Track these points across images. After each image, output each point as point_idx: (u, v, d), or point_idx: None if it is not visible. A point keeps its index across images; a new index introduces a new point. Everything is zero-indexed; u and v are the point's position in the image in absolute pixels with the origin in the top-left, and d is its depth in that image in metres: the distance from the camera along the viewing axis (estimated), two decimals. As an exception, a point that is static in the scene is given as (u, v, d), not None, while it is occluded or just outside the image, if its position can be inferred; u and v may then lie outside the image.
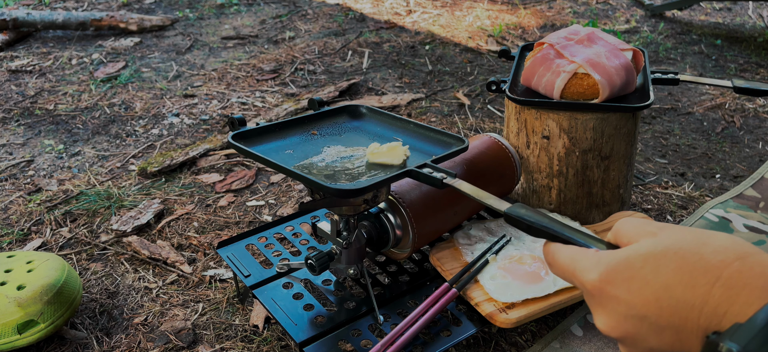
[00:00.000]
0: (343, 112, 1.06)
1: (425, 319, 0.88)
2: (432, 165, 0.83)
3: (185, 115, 1.81)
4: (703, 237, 0.46)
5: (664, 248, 0.46)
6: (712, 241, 0.45)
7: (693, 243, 0.46)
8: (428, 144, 0.96)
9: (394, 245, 0.97)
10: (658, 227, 0.49)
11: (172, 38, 2.46)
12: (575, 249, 0.53)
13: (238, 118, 0.93)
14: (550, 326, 1.00)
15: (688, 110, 1.79)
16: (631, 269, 0.47)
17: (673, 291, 0.44)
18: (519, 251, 0.99)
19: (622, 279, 0.47)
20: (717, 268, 0.43)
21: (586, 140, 1.08)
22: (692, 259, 0.45)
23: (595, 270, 0.49)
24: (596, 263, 0.50)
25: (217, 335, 1.01)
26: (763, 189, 1.35)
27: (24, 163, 1.58)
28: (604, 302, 0.49)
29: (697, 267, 0.44)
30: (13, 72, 2.16)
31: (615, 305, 0.48)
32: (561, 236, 0.57)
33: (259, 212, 1.35)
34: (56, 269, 1.01)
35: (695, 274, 0.44)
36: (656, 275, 0.45)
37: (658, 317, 0.45)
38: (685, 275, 0.44)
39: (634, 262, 0.47)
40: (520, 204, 0.63)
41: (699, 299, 0.43)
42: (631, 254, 0.48)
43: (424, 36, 2.43)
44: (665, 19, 2.56)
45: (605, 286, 0.48)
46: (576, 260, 0.52)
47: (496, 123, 1.73)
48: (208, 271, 1.16)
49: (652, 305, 0.45)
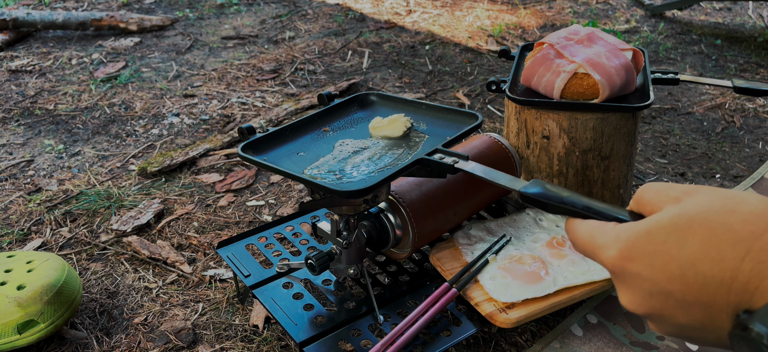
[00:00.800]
0: (353, 102, 1.06)
1: (425, 319, 0.88)
2: (443, 150, 0.83)
3: (185, 115, 1.81)
4: (732, 203, 0.42)
5: (688, 218, 0.43)
6: (741, 207, 0.42)
7: (720, 212, 0.42)
8: (441, 125, 0.96)
9: (394, 245, 0.97)
10: (683, 190, 0.46)
11: (172, 38, 2.46)
12: (594, 224, 0.50)
13: (247, 127, 0.93)
14: (550, 326, 1.00)
15: (688, 110, 1.79)
16: (652, 243, 0.44)
17: (699, 266, 0.41)
18: (519, 251, 0.99)
19: (643, 254, 0.44)
20: (746, 240, 0.40)
21: (586, 140, 1.08)
22: (719, 230, 0.41)
23: (615, 246, 0.46)
24: (615, 239, 0.46)
25: (217, 335, 1.01)
26: (763, 189, 1.35)
27: (24, 163, 1.58)
28: (626, 279, 0.46)
29: (724, 239, 0.41)
30: (13, 72, 2.16)
31: (638, 282, 0.45)
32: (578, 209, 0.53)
33: (259, 212, 1.35)
34: (56, 269, 1.01)
35: (723, 247, 0.40)
36: (680, 250, 0.42)
37: (685, 294, 0.42)
38: (711, 249, 0.41)
39: (656, 235, 0.44)
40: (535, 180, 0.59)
41: (728, 274, 0.40)
42: (653, 227, 0.44)
43: (424, 36, 2.43)
44: (665, 19, 2.56)
45: (626, 263, 0.45)
46: (595, 237, 0.49)
47: (496, 123, 1.73)
48: (208, 271, 1.16)
49: (677, 281, 0.42)
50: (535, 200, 0.58)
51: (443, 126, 0.96)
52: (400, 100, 1.05)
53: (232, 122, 1.77)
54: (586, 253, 0.50)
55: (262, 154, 0.92)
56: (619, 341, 0.95)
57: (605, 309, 1.00)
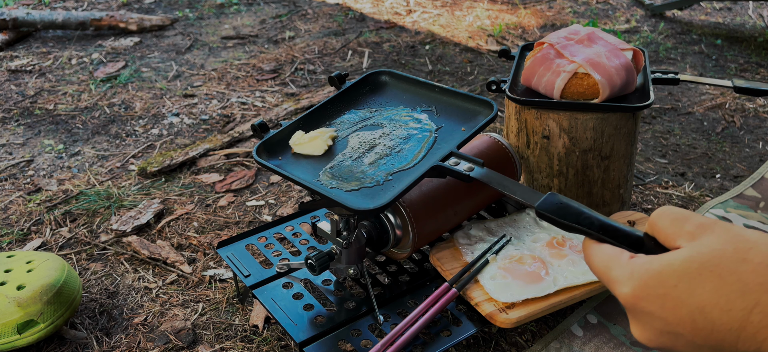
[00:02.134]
0: (365, 83, 1.05)
1: (425, 319, 0.87)
2: (458, 154, 0.81)
3: (185, 115, 1.81)
4: (744, 250, 0.43)
5: (699, 264, 0.44)
6: (752, 256, 0.43)
7: (731, 259, 0.43)
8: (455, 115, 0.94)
9: (394, 245, 0.97)
10: (698, 225, 0.46)
11: (172, 38, 2.46)
12: (610, 253, 0.51)
13: (260, 123, 0.91)
14: (550, 326, 1.00)
15: (688, 110, 1.79)
16: (664, 285, 0.45)
17: (708, 314, 0.43)
18: (519, 251, 0.99)
19: (655, 296, 0.45)
20: (755, 291, 0.41)
21: (586, 140, 1.08)
22: (730, 279, 0.42)
23: (628, 284, 0.47)
24: (629, 276, 0.47)
25: (217, 335, 1.01)
26: (763, 189, 1.35)
27: (24, 163, 1.58)
28: (638, 315, 0.47)
29: (734, 289, 0.42)
30: (13, 72, 2.15)
31: (649, 320, 0.46)
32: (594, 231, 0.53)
33: (259, 212, 1.35)
34: (56, 269, 1.00)
35: (732, 297, 0.42)
36: (691, 296, 0.43)
37: (694, 336, 0.44)
38: (721, 298, 0.42)
39: (667, 278, 0.45)
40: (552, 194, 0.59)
41: (736, 324, 0.42)
42: (665, 270, 0.45)
43: (424, 36, 2.43)
44: (665, 19, 2.56)
45: (638, 301, 0.46)
46: (610, 268, 0.50)
47: (496, 123, 1.73)
48: (208, 271, 1.16)
49: (687, 325, 0.44)
50: (551, 218, 0.58)
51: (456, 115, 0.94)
52: (412, 80, 1.03)
53: (231, 122, 1.77)
54: (601, 280, 0.52)
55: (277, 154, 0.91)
56: (620, 341, 0.95)
57: (605, 309, 1.00)
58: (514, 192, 0.70)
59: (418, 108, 0.99)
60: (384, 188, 0.83)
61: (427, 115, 0.96)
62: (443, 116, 0.95)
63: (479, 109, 0.93)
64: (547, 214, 0.58)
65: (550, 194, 0.59)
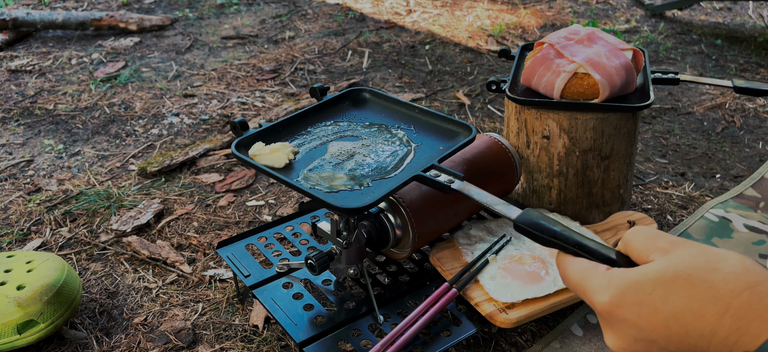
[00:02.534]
0: (346, 98, 1.06)
1: (425, 319, 0.87)
2: (439, 167, 0.82)
3: (185, 115, 1.81)
4: (714, 261, 0.46)
5: (673, 273, 0.46)
6: (722, 266, 0.45)
7: (703, 268, 0.45)
8: (434, 134, 0.95)
9: (394, 245, 0.97)
10: (670, 242, 0.49)
11: (172, 38, 2.46)
12: (586, 266, 0.53)
13: (240, 121, 0.92)
14: (550, 326, 1.00)
15: (688, 110, 1.79)
16: (640, 293, 0.47)
17: (681, 320, 0.45)
18: (519, 251, 0.99)
19: (631, 303, 0.47)
20: (726, 297, 0.43)
21: (586, 140, 1.08)
22: (702, 287, 0.44)
23: (606, 292, 0.49)
24: (606, 285, 0.49)
25: (217, 335, 1.01)
26: (763, 189, 1.35)
27: (24, 163, 1.58)
28: (613, 324, 0.49)
29: (706, 296, 0.44)
30: (12, 72, 2.16)
31: (624, 328, 0.48)
32: (570, 247, 0.55)
33: (259, 212, 1.35)
34: (56, 269, 1.00)
35: (704, 303, 0.44)
36: (665, 303, 0.45)
37: (668, 342, 0.46)
38: (694, 303, 0.44)
39: (643, 286, 0.47)
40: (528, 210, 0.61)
41: (708, 329, 0.43)
42: (641, 278, 0.47)
43: (424, 36, 2.43)
44: (665, 19, 2.56)
45: (615, 309, 0.48)
46: (586, 279, 0.52)
47: (496, 123, 1.73)
48: (208, 271, 1.16)
49: (661, 331, 0.46)
50: (528, 232, 0.60)
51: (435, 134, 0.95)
52: (393, 99, 1.03)
53: (232, 122, 1.77)
54: (576, 291, 0.54)
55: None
56: (619, 341, 0.95)
57: (605, 309, 1.00)
58: (493, 205, 0.71)
59: (397, 125, 0.99)
60: (365, 192, 0.84)
61: (405, 133, 0.97)
62: (422, 135, 0.96)
63: (458, 131, 0.93)
64: (524, 228, 0.60)
65: (526, 210, 0.61)
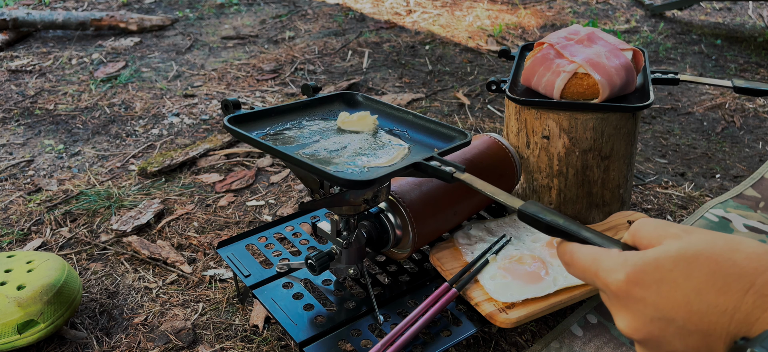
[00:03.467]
0: (338, 99, 1.05)
1: (425, 319, 0.88)
2: (439, 158, 0.81)
3: (185, 115, 1.81)
4: (734, 243, 0.45)
5: (695, 251, 0.46)
6: (743, 247, 0.45)
7: (725, 248, 0.45)
8: (429, 137, 0.94)
9: (394, 245, 0.97)
10: (681, 229, 0.49)
11: (172, 38, 2.46)
12: (596, 249, 0.52)
13: (232, 100, 0.90)
14: (550, 326, 1.00)
15: (688, 110, 1.79)
16: (660, 270, 0.46)
17: (705, 296, 0.44)
18: (519, 251, 0.99)
19: (650, 281, 0.46)
20: (751, 274, 0.43)
21: (586, 140, 1.08)
22: (725, 264, 0.44)
23: (622, 270, 0.48)
24: (623, 263, 0.48)
25: (217, 335, 1.01)
26: (763, 189, 1.35)
27: (24, 163, 1.58)
28: (629, 303, 0.48)
29: (731, 272, 0.44)
30: (13, 72, 2.16)
31: (641, 307, 0.47)
32: (578, 235, 0.54)
33: (259, 212, 1.35)
34: (56, 269, 1.01)
35: (729, 279, 0.43)
36: (687, 279, 0.45)
37: (687, 321, 0.45)
38: (718, 280, 0.44)
39: (663, 263, 0.46)
40: (533, 202, 0.61)
41: (731, 305, 0.43)
42: (661, 256, 0.47)
43: (424, 36, 2.43)
44: (665, 19, 2.56)
45: (632, 287, 0.47)
46: (599, 260, 0.50)
47: (496, 123, 1.73)
48: (208, 271, 1.16)
49: (681, 309, 0.45)
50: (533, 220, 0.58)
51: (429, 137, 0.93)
52: (387, 105, 1.01)
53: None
54: (586, 275, 0.52)
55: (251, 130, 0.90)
56: (619, 341, 0.95)
57: (605, 309, 1.00)
58: (495, 195, 0.70)
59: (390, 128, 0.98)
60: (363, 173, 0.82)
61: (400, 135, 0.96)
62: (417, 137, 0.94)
63: (454, 135, 0.91)
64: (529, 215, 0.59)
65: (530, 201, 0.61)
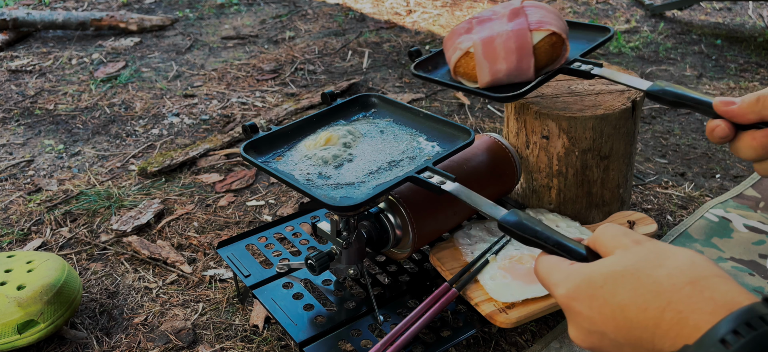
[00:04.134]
0: (355, 103, 1.08)
1: (425, 319, 0.88)
2: (432, 169, 0.84)
3: (185, 115, 1.81)
4: (662, 258, 0.48)
5: (623, 268, 0.48)
6: (669, 262, 0.47)
7: (650, 265, 0.47)
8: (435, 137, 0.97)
9: (394, 245, 0.97)
10: (633, 240, 0.51)
11: (172, 38, 2.46)
12: (552, 261, 0.55)
13: (251, 125, 0.94)
14: (550, 326, 1.00)
15: (687, 110, 1.79)
16: (592, 287, 0.49)
17: (627, 312, 0.46)
18: (519, 251, 0.99)
19: (584, 297, 0.50)
20: (668, 292, 0.45)
21: (585, 140, 1.08)
22: (646, 281, 0.46)
23: (564, 285, 0.52)
24: (565, 278, 0.52)
25: (217, 335, 1.01)
26: (763, 189, 1.35)
27: (24, 163, 1.58)
28: (571, 316, 0.52)
29: (649, 290, 0.46)
30: (13, 72, 2.16)
31: (580, 319, 0.51)
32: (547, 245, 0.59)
33: (259, 212, 1.35)
34: (56, 269, 1.01)
35: (647, 297, 0.46)
36: (613, 296, 0.48)
37: (616, 334, 0.48)
38: (638, 297, 0.46)
39: (595, 280, 0.49)
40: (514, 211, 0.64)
41: (651, 322, 0.45)
42: (594, 273, 0.50)
43: (424, 36, 2.43)
44: (665, 19, 2.56)
45: (571, 302, 0.51)
46: (550, 274, 0.55)
47: (496, 123, 1.73)
48: (208, 271, 1.16)
49: (610, 323, 0.48)
50: (511, 231, 0.63)
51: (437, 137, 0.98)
52: (399, 105, 1.05)
53: (232, 122, 1.77)
54: (544, 286, 0.56)
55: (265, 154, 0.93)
56: (619, 341, 0.95)
57: (605, 309, 1.00)
58: (480, 206, 0.74)
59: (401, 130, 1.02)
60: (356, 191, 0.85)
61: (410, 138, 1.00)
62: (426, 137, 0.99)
63: (458, 134, 0.96)
64: (508, 227, 0.64)
65: (511, 210, 0.65)
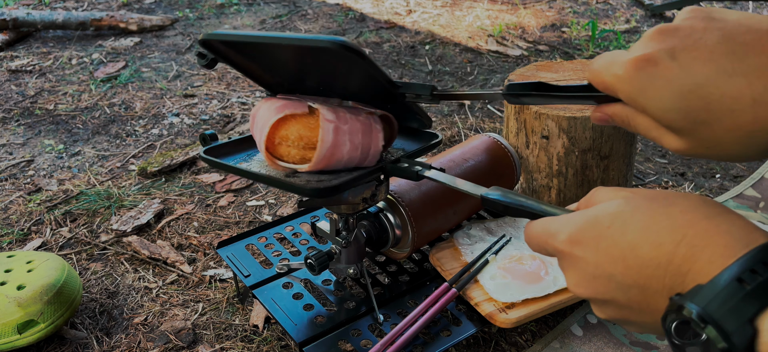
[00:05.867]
0: None
1: (425, 319, 0.88)
2: (408, 159, 0.81)
3: (185, 115, 1.81)
4: (673, 198, 0.46)
5: (633, 206, 0.46)
6: (681, 201, 0.45)
7: (662, 203, 0.45)
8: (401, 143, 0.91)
9: (393, 244, 0.97)
10: (632, 191, 0.49)
11: (172, 38, 2.46)
12: (547, 218, 0.52)
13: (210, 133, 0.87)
14: (550, 326, 1.00)
15: (688, 110, 1.79)
16: (598, 227, 0.46)
17: (638, 250, 0.44)
18: (519, 251, 0.99)
19: (589, 238, 0.47)
20: (683, 227, 0.43)
21: (585, 140, 1.08)
22: (659, 217, 0.44)
23: (565, 231, 0.49)
24: (565, 223, 0.49)
25: (217, 335, 1.01)
26: (763, 189, 1.35)
27: (24, 163, 1.58)
28: (573, 261, 0.48)
29: (663, 226, 0.43)
30: (13, 72, 2.16)
31: (583, 265, 0.47)
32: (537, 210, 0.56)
33: (259, 212, 1.35)
34: (56, 269, 1.01)
35: (662, 232, 0.43)
36: (623, 234, 0.45)
37: (624, 276, 0.45)
38: (651, 233, 0.44)
39: (601, 220, 0.47)
40: (496, 187, 0.63)
41: (664, 258, 0.42)
42: (600, 213, 0.47)
43: (424, 36, 2.43)
44: (665, 19, 2.56)
45: (573, 246, 0.48)
46: (547, 226, 0.51)
47: (496, 123, 1.73)
48: (208, 271, 1.16)
49: (618, 264, 0.45)
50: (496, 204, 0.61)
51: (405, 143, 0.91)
52: None
53: (232, 122, 1.77)
54: (540, 246, 0.52)
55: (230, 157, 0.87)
56: (619, 341, 0.95)
57: (605, 309, 1.00)
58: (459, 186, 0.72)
59: None
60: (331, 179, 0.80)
61: None
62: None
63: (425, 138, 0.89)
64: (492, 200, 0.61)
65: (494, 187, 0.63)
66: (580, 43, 2.32)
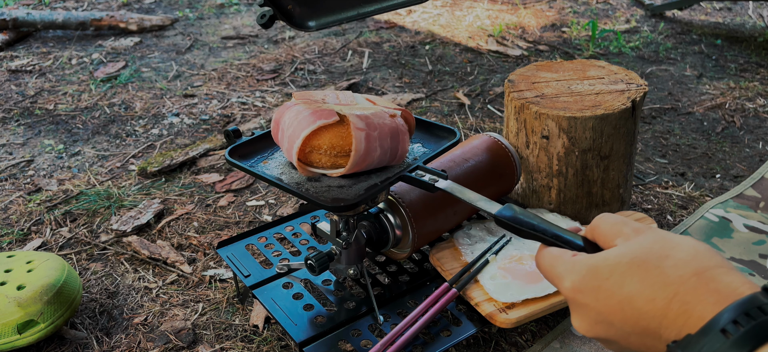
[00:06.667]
0: None
1: (425, 319, 0.88)
2: (423, 167, 0.83)
3: (185, 115, 1.81)
4: (667, 248, 0.49)
5: (629, 259, 0.49)
6: (674, 253, 0.48)
7: (656, 256, 0.49)
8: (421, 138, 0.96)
9: (393, 245, 0.97)
10: (634, 229, 0.53)
11: (172, 38, 2.46)
12: (555, 253, 0.56)
13: (234, 129, 0.91)
14: (550, 326, 1.00)
15: (688, 110, 1.79)
16: (598, 278, 0.50)
17: (634, 303, 0.48)
18: (519, 251, 0.99)
19: (590, 288, 0.51)
20: (675, 284, 0.46)
21: (585, 140, 1.08)
22: (653, 273, 0.48)
23: (569, 278, 0.53)
24: (570, 270, 0.53)
25: (217, 335, 1.01)
26: (763, 189, 1.35)
27: (24, 163, 1.58)
28: (577, 307, 0.53)
29: (656, 282, 0.47)
30: (13, 72, 2.16)
31: (585, 311, 0.52)
32: (546, 237, 0.59)
33: (259, 212, 1.35)
34: (56, 269, 1.01)
35: (655, 288, 0.47)
36: (620, 287, 0.49)
37: (623, 324, 0.49)
38: (646, 289, 0.47)
39: (601, 271, 0.50)
40: (509, 205, 0.64)
41: (659, 312, 0.46)
42: (600, 264, 0.51)
43: (424, 36, 2.43)
44: (665, 18, 2.56)
45: (576, 294, 0.52)
46: (554, 266, 0.55)
47: (496, 123, 1.73)
48: (208, 271, 1.16)
49: (617, 314, 0.49)
50: (508, 225, 0.63)
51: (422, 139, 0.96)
52: None
53: (232, 122, 1.77)
54: (548, 279, 0.57)
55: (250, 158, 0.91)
56: (619, 341, 0.95)
57: (605, 309, 1.00)
58: (474, 201, 0.74)
59: None
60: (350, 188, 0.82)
61: None
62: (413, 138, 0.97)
63: (444, 135, 0.95)
64: (504, 221, 0.64)
65: (507, 205, 0.65)
66: (580, 43, 2.32)
